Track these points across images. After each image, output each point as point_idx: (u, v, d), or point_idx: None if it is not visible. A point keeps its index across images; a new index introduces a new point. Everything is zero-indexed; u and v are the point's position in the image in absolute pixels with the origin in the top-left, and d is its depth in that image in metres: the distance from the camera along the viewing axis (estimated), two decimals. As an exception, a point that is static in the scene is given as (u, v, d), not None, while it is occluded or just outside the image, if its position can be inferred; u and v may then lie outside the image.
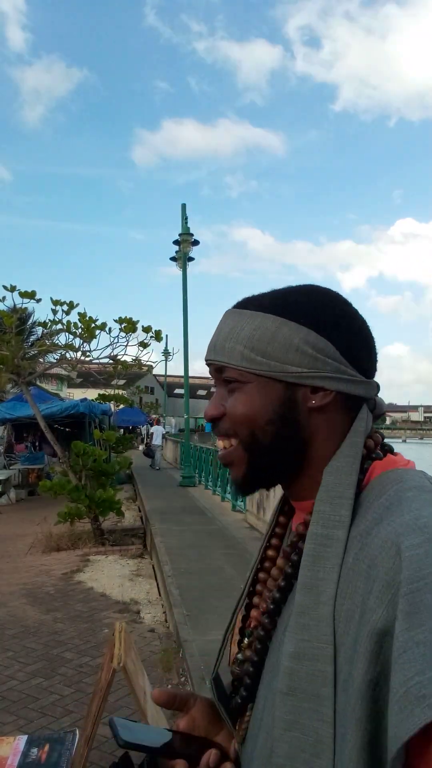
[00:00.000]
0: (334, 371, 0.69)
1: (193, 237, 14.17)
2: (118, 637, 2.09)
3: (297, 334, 0.69)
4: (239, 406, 0.70)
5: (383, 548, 0.56)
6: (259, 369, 0.69)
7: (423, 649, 0.49)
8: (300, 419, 0.69)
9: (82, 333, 8.04)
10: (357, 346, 0.71)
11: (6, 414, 13.89)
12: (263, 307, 0.71)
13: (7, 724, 3.34)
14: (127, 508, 10.09)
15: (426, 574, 0.52)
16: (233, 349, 0.70)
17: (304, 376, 0.68)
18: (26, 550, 8.13)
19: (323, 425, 0.70)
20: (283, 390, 0.69)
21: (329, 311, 0.71)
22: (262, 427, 0.69)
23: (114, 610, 5.32)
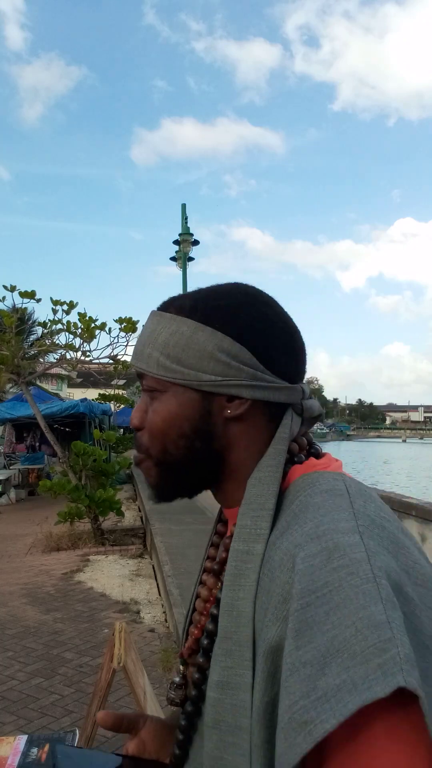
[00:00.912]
0: (250, 378, 0.66)
1: (193, 237, 14.18)
2: (118, 637, 2.09)
3: (211, 341, 0.66)
4: (156, 418, 0.68)
5: (282, 561, 0.54)
6: (174, 377, 0.66)
7: (309, 670, 0.46)
8: (215, 430, 0.67)
9: (82, 333, 8.04)
10: (277, 350, 0.68)
11: (6, 414, 13.88)
12: (182, 309, 0.69)
13: (7, 724, 3.34)
14: (127, 508, 10.09)
15: (318, 587, 0.49)
16: (150, 356, 0.68)
17: (218, 384, 0.65)
18: (26, 550, 8.13)
19: (242, 434, 0.67)
20: (199, 399, 0.67)
21: (246, 314, 0.67)
22: (175, 441, 0.67)
23: (114, 610, 5.32)
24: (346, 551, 0.51)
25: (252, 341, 0.66)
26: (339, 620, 0.47)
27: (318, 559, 0.51)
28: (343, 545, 0.51)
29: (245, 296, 0.69)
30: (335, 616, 0.47)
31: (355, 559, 0.50)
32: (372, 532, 0.54)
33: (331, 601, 0.48)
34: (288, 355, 0.69)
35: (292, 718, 0.46)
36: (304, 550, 0.52)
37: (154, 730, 0.78)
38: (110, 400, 10.31)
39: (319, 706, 0.45)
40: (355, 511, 0.56)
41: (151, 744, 0.77)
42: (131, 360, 0.73)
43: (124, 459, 9.78)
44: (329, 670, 0.46)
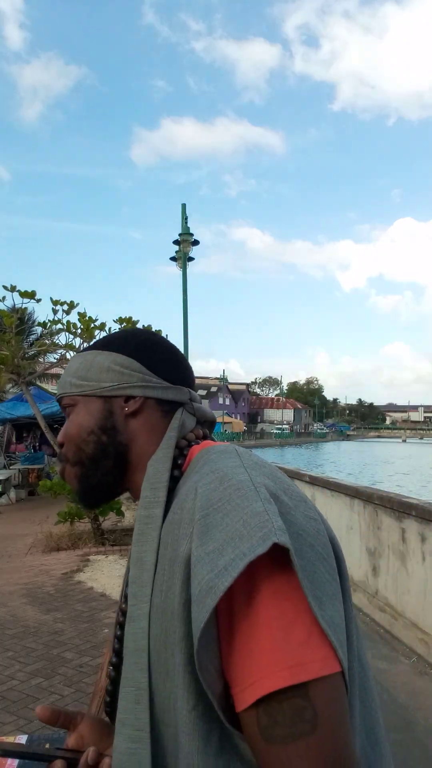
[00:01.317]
0: (140, 381, 0.84)
1: (193, 237, 14.18)
2: (117, 637, 2.09)
3: (108, 359, 0.85)
4: (69, 425, 0.85)
5: (187, 494, 0.69)
6: (80, 390, 0.85)
7: (211, 556, 0.59)
8: (117, 426, 0.83)
9: (82, 333, 8.04)
10: (161, 362, 0.86)
11: (6, 414, 13.89)
12: (91, 347, 0.90)
13: (7, 724, 3.34)
14: (127, 508, 10.09)
15: (214, 501, 0.63)
16: (65, 381, 0.88)
17: (115, 388, 0.83)
18: (26, 550, 8.13)
19: (141, 428, 0.83)
20: (102, 404, 0.84)
21: (134, 339, 0.88)
22: (85, 439, 0.83)
23: (114, 610, 5.32)
24: (233, 476, 0.66)
25: (140, 356, 0.86)
26: (231, 519, 0.61)
27: (213, 484, 0.66)
28: (231, 474, 0.66)
29: (135, 330, 0.91)
30: (228, 518, 0.61)
31: (240, 480, 0.65)
32: (254, 468, 0.69)
33: (224, 508, 0.62)
34: (171, 365, 0.87)
35: (201, 589, 0.58)
36: (202, 481, 0.67)
37: (91, 725, 0.85)
38: (110, 400, 10.29)
39: (220, 575, 0.58)
40: (241, 458, 0.71)
41: (90, 738, 0.83)
42: (57, 393, 0.91)
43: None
44: (225, 551, 0.59)
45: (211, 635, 0.59)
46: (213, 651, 0.60)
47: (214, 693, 0.59)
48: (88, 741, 0.83)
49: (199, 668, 0.58)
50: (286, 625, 0.57)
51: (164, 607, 0.66)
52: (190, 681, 0.60)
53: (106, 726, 0.85)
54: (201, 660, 0.58)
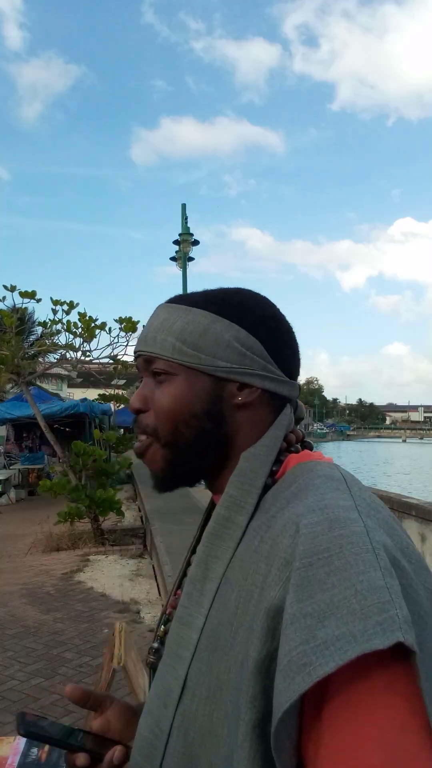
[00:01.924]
0: (261, 369, 0.70)
1: (193, 237, 14.18)
2: (118, 637, 2.09)
3: (228, 331, 0.70)
4: (165, 398, 0.70)
5: (284, 528, 0.57)
6: (189, 361, 0.69)
7: (309, 621, 0.48)
8: (225, 414, 0.70)
9: (82, 333, 8.04)
10: (283, 347, 0.73)
11: (6, 414, 13.88)
12: (196, 303, 0.72)
13: (7, 724, 3.34)
14: (127, 508, 10.09)
15: (320, 549, 0.52)
16: (164, 341, 0.70)
17: (233, 371, 0.69)
18: (26, 550, 8.13)
19: (247, 421, 0.71)
20: (211, 384, 0.70)
21: (259, 312, 0.73)
22: (186, 420, 0.69)
23: (114, 610, 5.32)
24: (346, 523, 0.54)
25: (264, 336, 0.71)
26: (339, 581, 0.49)
27: (320, 527, 0.54)
28: (343, 518, 0.54)
29: (255, 298, 0.75)
30: (336, 577, 0.50)
31: (355, 531, 0.53)
32: (369, 513, 0.57)
33: (332, 563, 0.51)
34: (291, 353, 0.74)
35: (291, 661, 0.48)
36: (307, 519, 0.55)
37: (119, 711, 0.80)
38: (110, 400, 10.30)
39: (318, 651, 0.47)
40: (353, 494, 0.59)
41: (116, 724, 0.79)
42: (137, 347, 0.74)
43: (124, 459, 9.77)
44: (329, 622, 0.48)
45: (292, 713, 0.49)
46: (292, 728, 0.49)
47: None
48: (114, 727, 0.79)
49: (275, 748, 0.49)
50: (394, 735, 0.45)
51: (229, 641, 0.58)
52: (257, 744, 0.51)
53: (133, 713, 0.80)
54: (279, 740, 0.49)
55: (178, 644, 0.64)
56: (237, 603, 0.59)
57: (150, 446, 0.72)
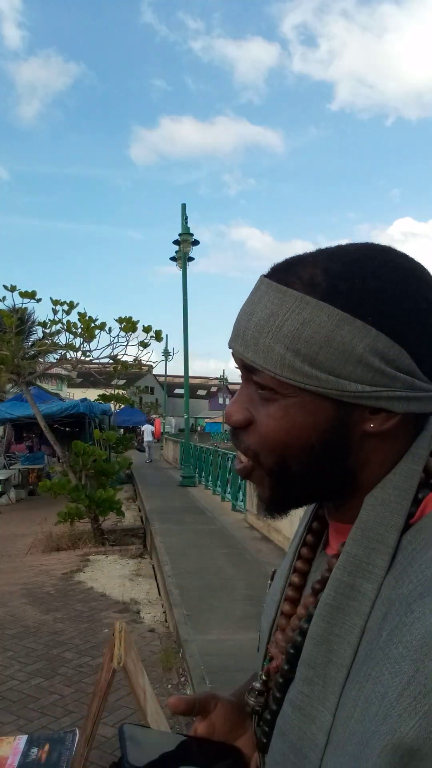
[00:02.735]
0: (406, 389, 0.51)
1: (193, 237, 14.18)
2: (118, 637, 2.10)
3: (362, 338, 0.50)
4: (273, 424, 0.53)
5: (425, 641, 0.42)
6: (305, 382, 0.51)
7: None
8: (349, 446, 0.53)
9: (82, 333, 8.04)
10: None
11: (6, 414, 13.89)
12: (316, 287, 0.52)
13: (7, 724, 3.34)
14: (127, 508, 10.09)
15: None
16: (271, 349, 0.52)
17: (365, 396, 0.51)
18: (26, 550, 8.13)
19: (379, 451, 0.54)
20: (334, 410, 0.52)
21: (411, 303, 0.51)
22: (297, 455, 0.53)
23: (114, 610, 5.32)
24: None
25: (413, 340, 0.51)
26: None
27: None
28: None
29: (406, 275, 0.52)
30: None
31: None
32: None
33: None
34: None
35: None
36: None
37: (224, 713, 0.72)
38: (110, 400, 10.30)
39: None
40: None
41: (221, 727, 0.72)
42: (232, 341, 0.57)
43: (124, 459, 9.78)
44: None
45: None
46: None
47: None
48: (220, 730, 0.71)
49: None
50: None
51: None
52: None
53: (238, 714, 0.72)
54: None
55: (300, 739, 0.52)
56: (365, 713, 0.46)
57: (253, 470, 0.57)
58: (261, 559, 6.38)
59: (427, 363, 0.52)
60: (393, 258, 0.53)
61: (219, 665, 3.67)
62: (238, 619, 4.54)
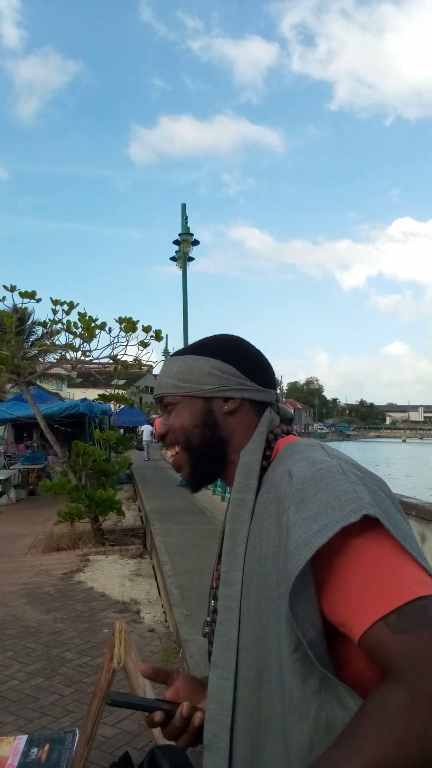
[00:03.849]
0: (236, 385, 0.95)
1: (193, 237, 14.17)
2: (118, 637, 2.10)
3: (207, 363, 0.96)
4: (175, 420, 0.97)
5: (281, 477, 0.81)
6: (184, 391, 0.97)
7: (307, 522, 0.72)
8: (219, 422, 0.96)
9: (82, 333, 8.03)
10: (252, 366, 0.98)
11: (6, 414, 13.88)
12: (185, 352, 1.01)
13: (7, 724, 3.34)
14: (127, 508, 10.08)
15: (308, 479, 0.76)
16: (167, 383, 0.99)
17: (215, 390, 0.95)
18: (26, 550, 8.13)
19: (238, 425, 0.96)
20: (203, 403, 0.96)
21: (229, 345, 0.99)
22: (192, 431, 0.96)
23: (114, 610, 5.32)
24: (323, 462, 0.79)
25: (234, 360, 0.97)
26: (323, 495, 0.74)
27: (305, 467, 0.79)
28: (321, 460, 0.80)
29: (227, 336, 1.02)
30: (321, 493, 0.74)
31: (330, 464, 0.78)
32: (339, 456, 0.83)
33: (316, 486, 0.75)
34: (259, 369, 0.99)
35: (297, 545, 0.71)
36: (296, 465, 0.80)
37: (186, 682, 1.00)
38: (110, 400, 10.30)
39: (315, 535, 0.70)
40: (326, 450, 0.85)
41: (184, 692, 0.99)
42: (155, 391, 1.02)
43: (124, 459, 9.78)
44: (319, 519, 0.71)
45: (306, 586, 0.71)
46: (309, 600, 0.72)
47: (305, 635, 0.70)
48: (183, 694, 0.98)
49: (292, 611, 0.70)
50: (392, 558, 0.69)
51: (262, 571, 0.80)
52: (290, 628, 0.71)
53: (197, 683, 1.00)
54: (294, 604, 0.70)
55: (226, 600, 0.85)
56: (260, 541, 0.81)
57: (179, 457, 0.98)
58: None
59: (247, 372, 0.97)
60: (224, 334, 1.04)
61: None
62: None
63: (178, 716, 0.92)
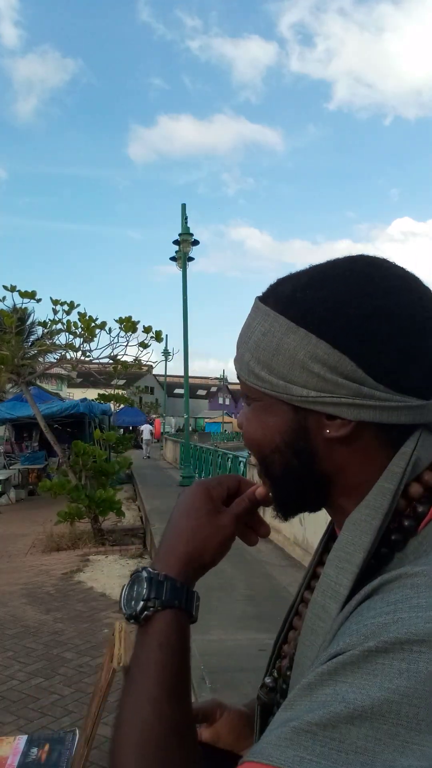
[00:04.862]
0: (353, 395, 0.53)
1: (193, 237, 14.17)
2: (118, 637, 2.09)
3: (303, 346, 0.53)
4: (248, 427, 0.61)
5: (378, 614, 0.45)
6: (263, 387, 0.56)
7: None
8: (315, 450, 0.56)
9: (82, 333, 8.03)
10: (395, 358, 0.52)
11: (6, 414, 13.88)
12: (279, 301, 0.57)
13: (7, 724, 3.33)
14: (127, 508, 10.08)
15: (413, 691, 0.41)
16: (242, 358, 0.59)
17: (311, 401, 0.54)
18: (26, 550, 8.13)
19: (354, 456, 0.55)
20: (292, 413, 0.56)
21: (355, 310, 0.52)
22: (269, 456, 0.59)
23: (114, 610, 5.31)
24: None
25: (357, 347, 0.52)
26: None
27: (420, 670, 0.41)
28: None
29: (358, 281, 0.54)
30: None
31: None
32: None
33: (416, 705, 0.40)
34: (411, 362, 0.53)
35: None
36: (398, 621, 0.43)
37: (230, 722, 0.75)
38: (110, 400, 10.31)
39: None
40: None
41: (227, 736, 0.74)
42: (235, 361, 0.64)
43: (124, 459, 9.77)
44: None
45: None
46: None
47: None
48: (225, 740, 0.73)
49: None
50: None
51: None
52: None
53: (245, 722, 0.74)
54: None
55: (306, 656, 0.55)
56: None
57: (259, 470, 0.64)
58: (261, 559, 6.37)
59: (378, 370, 0.52)
60: (355, 267, 0.56)
61: (219, 665, 3.67)
62: (238, 619, 4.54)
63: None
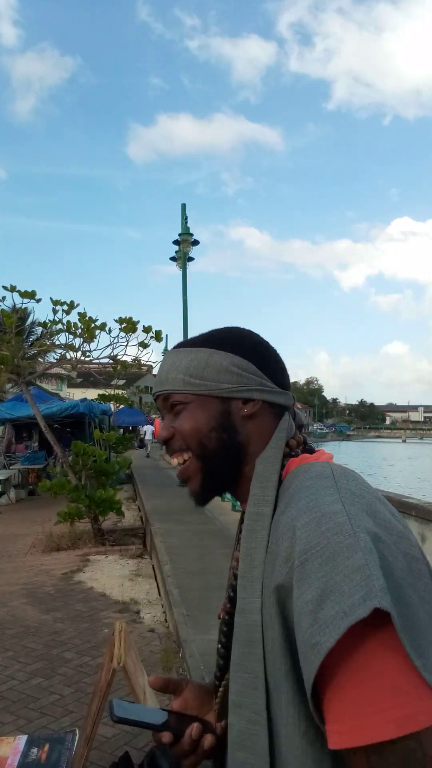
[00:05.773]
0: (257, 384, 0.85)
1: (193, 237, 14.17)
2: (118, 637, 2.09)
3: (225, 359, 0.85)
4: (186, 423, 0.84)
5: (284, 531, 0.69)
6: (198, 389, 0.84)
7: (311, 606, 0.61)
8: (236, 425, 0.84)
9: (82, 333, 8.03)
10: (272, 365, 0.88)
11: (6, 414, 13.88)
12: (195, 344, 0.88)
13: (7, 724, 3.34)
14: (127, 508, 10.08)
15: (312, 545, 0.64)
16: (175, 378, 0.86)
17: (234, 390, 0.84)
18: (26, 550, 8.13)
19: (255, 429, 0.85)
20: (220, 404, 0.85)
21: (247, 341, 0.88)
22: (207, 435, 0.84)
23: (114, 610, 5.32)
24: (331, 517, 0.66)
25: (255, 358, 0.86)
26: (330, 569, 0.62)
27: (311, 526, 0.66)
28: (329, 513, 0.66)
29: (242, 331, 0.91)
30: (327, 566, 0.62)
31: (338, 522, 0.65)
32: (353, 501, 0.68)
33: (323, 555, 0.63)
34: (279, 369, 0.89)
35: (305, 643, 0.62)
36: (300, 521, 0.67)
37: (195, 691, 0.95)
38: (110, 400, 10.30)
39: (321, 631, 0.60)
40: (339, 487, 0.70)
41: (192, 702, 0.93)
42: (155, 389, 0.90)
43: (124, 459, 9.76)
44: (326, 605, 0.61)
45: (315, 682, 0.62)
46: (318, 690, 0.63)
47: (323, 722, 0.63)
48: (191, 705, 0.93)
49: (313, 710, 0.62)
50: (389, 679, 0.59)
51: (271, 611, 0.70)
52: (299, 709, 0.65)
53: (206, 692, 0.94)
54: (313, 701, 0.62)
55: (246, 631, 0.74)
56: (271, 572, 0.71)
57: (188, 464, 0.85)
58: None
59: (267, 371, 0.86)
60: (237, 327, 0.92)
61: (219, 665, 3.67)
62: (238, 619, 4.54)
63: (187, 738, 0.85)
